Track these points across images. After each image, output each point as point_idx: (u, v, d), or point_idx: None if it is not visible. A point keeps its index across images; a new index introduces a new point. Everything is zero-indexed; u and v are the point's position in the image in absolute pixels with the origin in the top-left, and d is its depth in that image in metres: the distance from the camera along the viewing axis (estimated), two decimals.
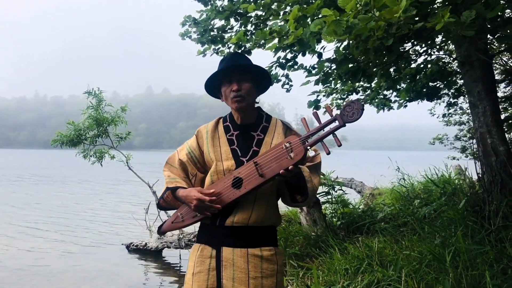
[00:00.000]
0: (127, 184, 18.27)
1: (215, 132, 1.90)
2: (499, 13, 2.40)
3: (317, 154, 1.87)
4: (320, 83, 3.76)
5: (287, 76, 4.26)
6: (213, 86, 1.90)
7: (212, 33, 4.46)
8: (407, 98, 4.91)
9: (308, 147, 1.69)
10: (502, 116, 4.91)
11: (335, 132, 1.67)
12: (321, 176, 5.40)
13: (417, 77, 4.50)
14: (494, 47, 4.28)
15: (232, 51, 4.40)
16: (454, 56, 4.58)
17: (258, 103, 1.93)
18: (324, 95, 4.81)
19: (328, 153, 1.75)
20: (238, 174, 1.74)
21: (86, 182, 21.64)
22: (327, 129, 1.67)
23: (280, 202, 1.93)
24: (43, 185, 20.00)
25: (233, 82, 1.80)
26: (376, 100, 5.42)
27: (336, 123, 1.65)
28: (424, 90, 4.64)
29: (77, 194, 16.58)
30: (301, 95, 4.63)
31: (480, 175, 3.80)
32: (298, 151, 1.67)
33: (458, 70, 4.59)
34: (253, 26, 4.31)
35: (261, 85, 1.91)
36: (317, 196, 4.95)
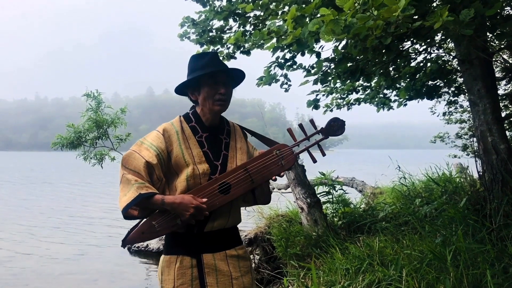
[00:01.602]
0: None
1: (183, 132, 1.79)
2: (498, 11, 2.39)
3: None
4: (318, 83, 3.75)
5: (285, 76, 4.24)
6: (186, 83, 1.84)
7: (210, 34, 4.45)
8: (407, 97, 4.90)
9: (297, 155, 1.84)
10: (503, 114, 4.88)
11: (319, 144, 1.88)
12: (322, 176, 5.42)
13: (417, 76, 4.49)
14: (494, 44, 4.26)
15: (231, 52, 4.40)
16: (453, 54, 4.56)
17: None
18: (323, 95, 4.79)
19: (315, 162, 1.86)
20: (227, 180, 1.71)
21: (87, 184, 21.66)
22: (312, 140, 1.85)
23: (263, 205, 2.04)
24: (44, 188, 20.01)
25: (220, 85, 1.77)
26: (376, 99, 5.41)
27: (320, 136, 1.87)
28: (424, 88, 4.62)
29: (78, 196, 16.60)
30: (302, 94, 4.62)
31: (481, 174, 3.78)
32: (290, 159, 1.78)
33: (458, 68, 4.57)
34: (252, 27, 4.30)
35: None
36: (318, 196, 4.93)
